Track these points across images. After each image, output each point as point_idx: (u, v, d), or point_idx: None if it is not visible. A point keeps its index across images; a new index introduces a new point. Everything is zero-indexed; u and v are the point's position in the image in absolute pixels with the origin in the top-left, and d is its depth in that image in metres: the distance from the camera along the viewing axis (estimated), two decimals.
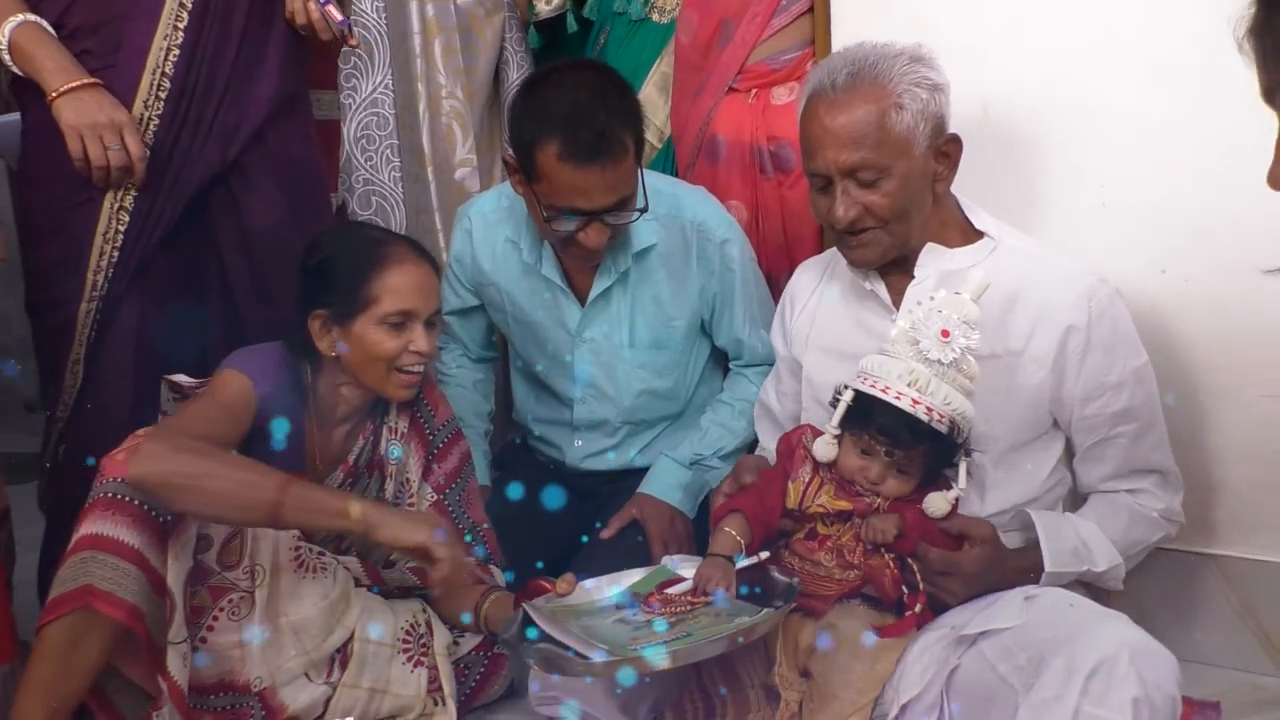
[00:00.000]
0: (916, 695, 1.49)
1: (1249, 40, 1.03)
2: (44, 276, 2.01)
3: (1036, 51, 1.99)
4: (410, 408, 1.91)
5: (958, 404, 1.51)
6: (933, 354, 1.50)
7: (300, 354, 1.82)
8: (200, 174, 2.02)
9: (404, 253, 1.82)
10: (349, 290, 1.77)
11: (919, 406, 1.49)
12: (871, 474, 1.57)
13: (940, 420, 1.50)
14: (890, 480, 1.57)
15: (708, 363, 2.27)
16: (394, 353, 1.78)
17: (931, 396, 1.49)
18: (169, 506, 1.58)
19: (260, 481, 1.56)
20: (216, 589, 1.69)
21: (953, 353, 1.50)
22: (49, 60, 1.89)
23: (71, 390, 2.00)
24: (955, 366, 1.51)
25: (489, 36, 2.67)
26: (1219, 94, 1.70)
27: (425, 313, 1.81)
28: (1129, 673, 1.31)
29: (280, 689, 1.73)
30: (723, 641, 1.42)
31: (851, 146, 1.62)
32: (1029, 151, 2.02)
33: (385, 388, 1.81)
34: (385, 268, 1.78)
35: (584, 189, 1.88)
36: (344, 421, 1.87)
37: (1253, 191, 1.23)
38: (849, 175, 1.63)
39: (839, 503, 1.58)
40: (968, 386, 1.53)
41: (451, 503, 1.94)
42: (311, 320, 1.79)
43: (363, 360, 1.79)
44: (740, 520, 1.59)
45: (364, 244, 1.82)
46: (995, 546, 1.58)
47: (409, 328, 1.79)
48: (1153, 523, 1.73)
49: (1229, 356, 1.89)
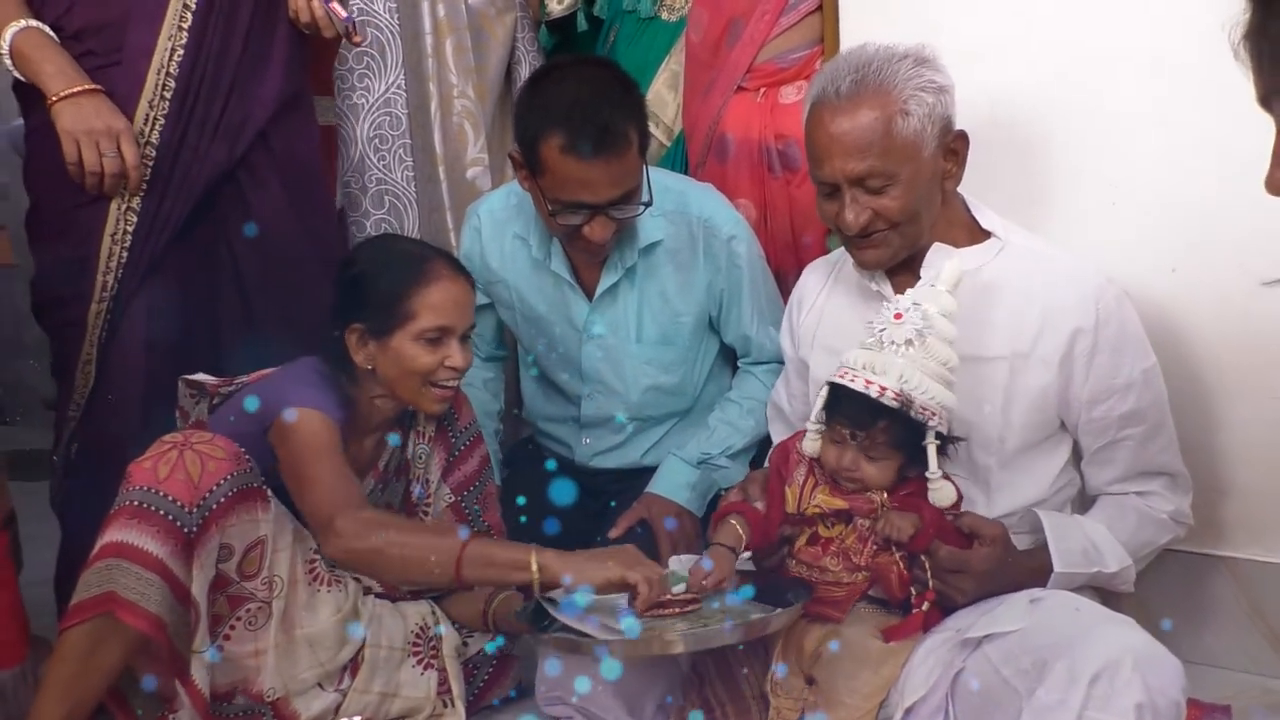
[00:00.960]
0: (921, 698, 1.49)
1: (1244, 45, 1.02)
2: (52, 277, 2.03)
3: (1044, 50, 1.99)
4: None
5: (917, 382, 1.50)
6: (886, 336, 1.52)
7: (337, 366, 1.83)
8: (208, 172, 2.03)
9: (442, 268, 1.82)
10: (387, 305, 1.78)
11: (872, 386, 1.50)
12: (845, 461, 1.57)
13: (895, 398, 1.50)
14: (866, 467, 1.57)
15: (716, 360, 2.27)
16: (430, 368, 1.79)
17: (884, 376, 1.50)
18: (370, 577, 1.73)
19: (439, 544, 1.63)
20: (235, 598, 1.70)
21: (905, 334, 1.51)
22: (49, 65, 1.90)
23: (83, 390, 2.01)
24: (914, 347, 1.51)
25: (500, 35, 2.67)
26: (1229, 92, 1.68)
27: (462, 328, 1.82)
28: (1133, 678, 1.30)
29: (294, 699, 1.75)
30: (738, 630, 1.44)
31: (858, 155, 1.60)
32: (1036, 150, 2.01)
33: (420, 401, 1.83)
34: (424, 284, 1.78)
35: (587, 182, 1.89)
36: (376, 430, 1.89)
37: (1262, 191, 1.22)
38: (857, 183, 1.62)
39: (835, 501, 1.59)
40: (934, 369, 1.52)
41: (468, 505, 1.96)
42: (349, 334, 1.80)
43: (399, 374, 1.79)
44: (740, 518, 1.60)
45: (402, 259, 1.82)
46: (1006, 547, 1.57)
47: (445, 343, 1.79)
48: (1162, 524, 1.72)
49: (1239, 357, 1.88)
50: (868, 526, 1.58)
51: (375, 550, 1.62)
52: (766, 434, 2.10)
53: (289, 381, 1.79)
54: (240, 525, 1.66)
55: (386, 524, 1.66)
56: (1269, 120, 1.09)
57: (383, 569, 1.70)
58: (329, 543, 1.64)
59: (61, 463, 2.06)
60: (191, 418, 1.89)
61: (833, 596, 1.57)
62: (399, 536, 1.63)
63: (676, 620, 1.51)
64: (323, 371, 1.81)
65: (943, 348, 1.53)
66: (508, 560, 1.61)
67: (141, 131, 1.96)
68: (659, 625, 1.50)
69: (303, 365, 1.82)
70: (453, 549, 1.60)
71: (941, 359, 1.53)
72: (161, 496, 1.57)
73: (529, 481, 2.32)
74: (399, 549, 1.62)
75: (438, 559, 1.60)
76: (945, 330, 1.53)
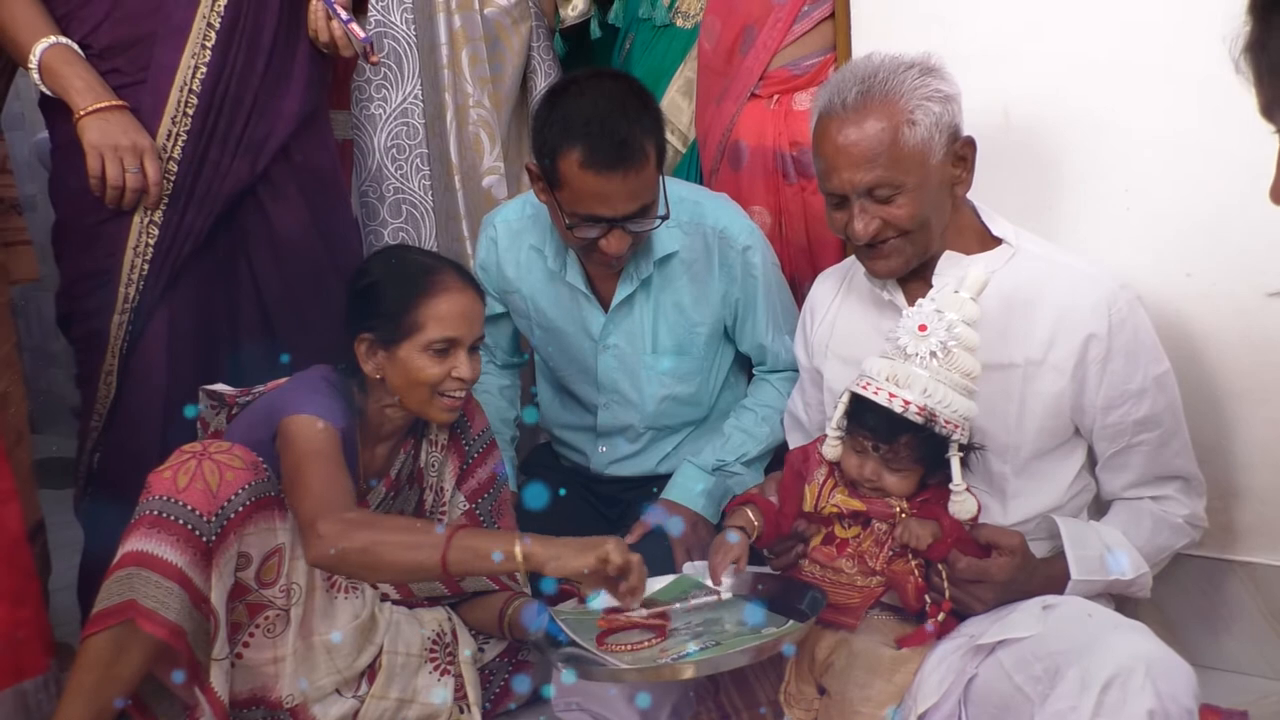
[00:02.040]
0: (934, 704, 1.49)
1: (1245, 58, 1.02)
2: (76, 289, 2.06)
3: (1058, 55, 1.98)
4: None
5: (941, 396, 1.50)
6: (909, 348, 1.51)
7: (348, 374, 1.84)
8: (230, 187, 2.05)
9: (451, 280, 1.83)
10: (395, 316, 1.79)
11: (895, 400, 1.50)
12: (867, 471, 1.58)
13: (919, 413, 1.49)
14: (887, 477, 1.57)
15: (731, 368, 2.28)
16: (438, 378, 1.79)
17: (908, 390, 1.50)
18: (352, 578, 1.69)
19: (425, 539, 1.59)
20: (254, 606, 1.73)
21: (929, 346, 1.50)
22: (77, 80, 1.93)
23: (105, 400, 2.04)
24: (938, 360, 1.50)
25: (515, 45, 2.69)
26: (1242, 99, 1.67)
27: (469, 340, 1.82)
28: (1145, 685, 1.30)
29: (312, 705, 1.77)
30: (749, 652, 1.43)
31: (866, 166, 1.61)
32: (1050, 157, 2.01)
33: (428, 411, 1.83)
34: (431, 295, 1.79)
35: (605, 197, 1.90)
36: (389, 438, 1.90)
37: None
38: (865, 193, 1.63)
39: (853, 502, 1.59)
40: (958, 381, 1.51)
41: (483, 512, 1.97)
42: (358, 343, 1.81)
43: (406, 384, 1.80)
44: (754, 507, 1.62)
45: (411, 270, 1.83)
46: (1025, 556, 1.57)
47: (453, 354, 1.80)
48: (1177, 528, 1.72)
49: (1253, 361, 1.87)
50: (885, 531, 1.58)
51: (361, 550, 1.58)
52: (782, 441, 2.11)
53: (295, 389, 1.80)
54: (258, 533, 1.69)
55: (370, 523, 1.63)
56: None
57: (369, 569, 1.65)
58: (311, 546, 1.61)
59: (84, 471, 2.09)
60: (211, 428, 1.92)
61: (847, 603, 1.57)
62: (383, 535, 1.61)
63: (688, 638, 1.50)
64: (331, 380, 1.82)
65: (966, 358, 1.52)
66: (492, 552, 1.57)
67: (164, 147, 1.99)
68: (672, 646, 1.49)
69: (312, 373, 1.83)
70: (438, 542, 1.57)
71: (965, 370, 1.52)
72: (180, 506, 1.60)
73: (544, 488, 2.35)
74: (384, 547, 1.59)
75: (424, 554, 1.57)
76: (969, 339, 1.52)
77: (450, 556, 1.56)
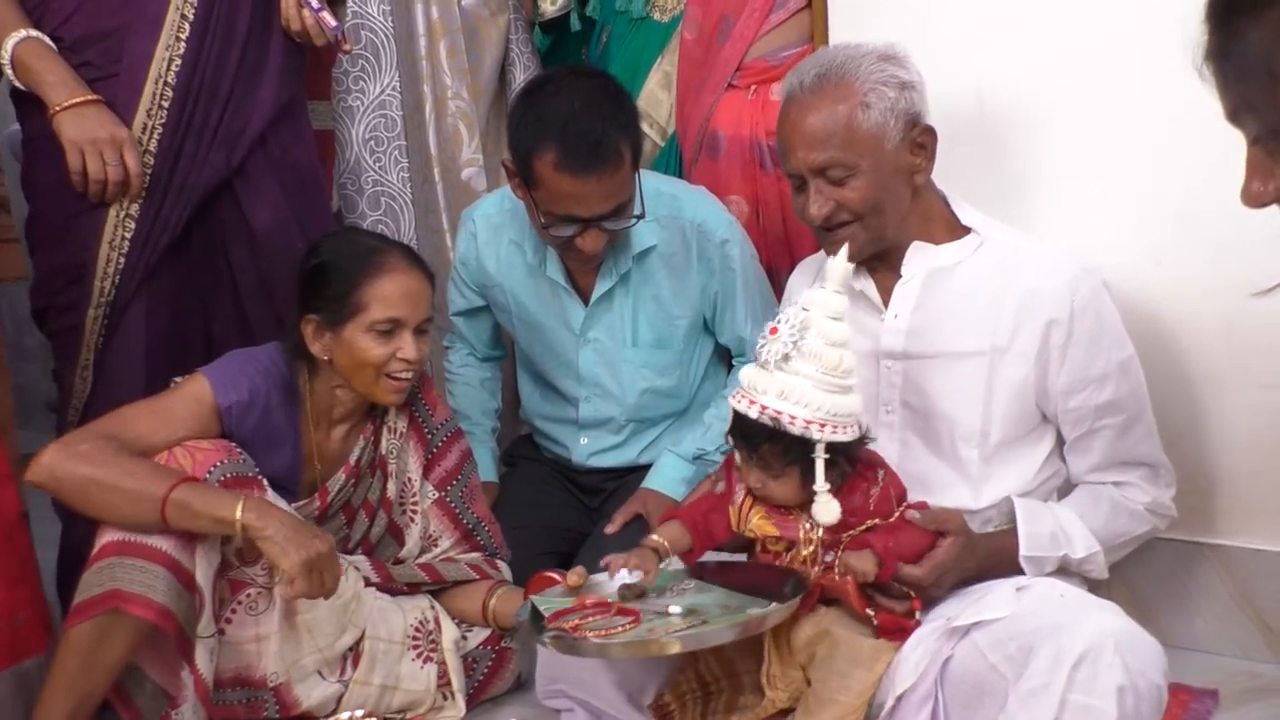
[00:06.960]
0: (911, 686, 1.51)
1: (1207, 66, 1.03)
2: (51, 283, 2.05)
3: (1031, 43, 2.00)
4: (409, 407, 1.94)
5: (800, 396, 1.48)
6: (763, 353, 1.52)
7: (296, 355, 1.84)
8: (207, 179, 2.05)
9: (395, 261, 1.82)
10: (339, 296, 1.79)
11: (753, 406, 1.50)
12: (752, 481, 1.57)
13: (770, 416, 1.48)
14: (771, 485, 1.56)
15: (711, 360, 2.30)
16: (382, 359, 1.79)
17: (764, 395, 1.50)
18: (81, 510, 1.64)
19: (148, 490, 1.59)
20: (236, 583, 1.74)
21: (781, 348, 1.49)
22: (51, 74, 1.92)
23: (82, 394, 2.03)
24: (792, 361, 1.49)
25: (494, 37, 2.69)
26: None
27: (414, 321, 1.81)
28: (1114, 661, 1.32)
29: (295, 685, 1.78)
30: (735, 629, 1.46)
31: (820, 146, 1.63)
32: (1023, 143, 2.02)
33: (374, 393, 1.83)
34: (375, 275, 1.79)
35: (580, 197, 1.91)
36: (342, 422, 1.89)
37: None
38: (819, 174, 1.65)
39: (767, 527, 1.58)
40: (821, 378, 1.49)
41: (454, 499, 1.96)
42: (305, 324, 1.81)
43: (351, 365, 1.80)
44: (676, 527, 1.62)
45: (357, 251, 1.84)
46: (967, 534, 1.59)
47: (398, 335, 1.80)
48: (1137, 515, 1.73)
49: (1225, 345, 1.89)
50: (810, 553, 1.56)
51: (79, 484, 1.59)
52: None
53: (225, 357, 1.83)
54: None
55: (98, 461, 1.61)
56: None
57: (88, 506, 1.62)
58: (32, 463, 1.61)
59: None
60: None
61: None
62: (104, 476, 1.59)
63: (671, 619, 1.51)
64: (259, 358, 1.83)
65: (830, 353, 1.48)
66: (210, 512, 1.59)
67: (140, 140, 1.98)
68: (658, 624, 1.50)
69: (251, 349, 1.85)
70: (158, 495, 1.57)
71: (829, 365, 1.49)
72: None
73: (527, 478, 2.36)
74: (100, 488, 1.59)
75: (144, 504, 1.58)
76: (833, 333, 1.50)
77: (170, 511, 1.58)
